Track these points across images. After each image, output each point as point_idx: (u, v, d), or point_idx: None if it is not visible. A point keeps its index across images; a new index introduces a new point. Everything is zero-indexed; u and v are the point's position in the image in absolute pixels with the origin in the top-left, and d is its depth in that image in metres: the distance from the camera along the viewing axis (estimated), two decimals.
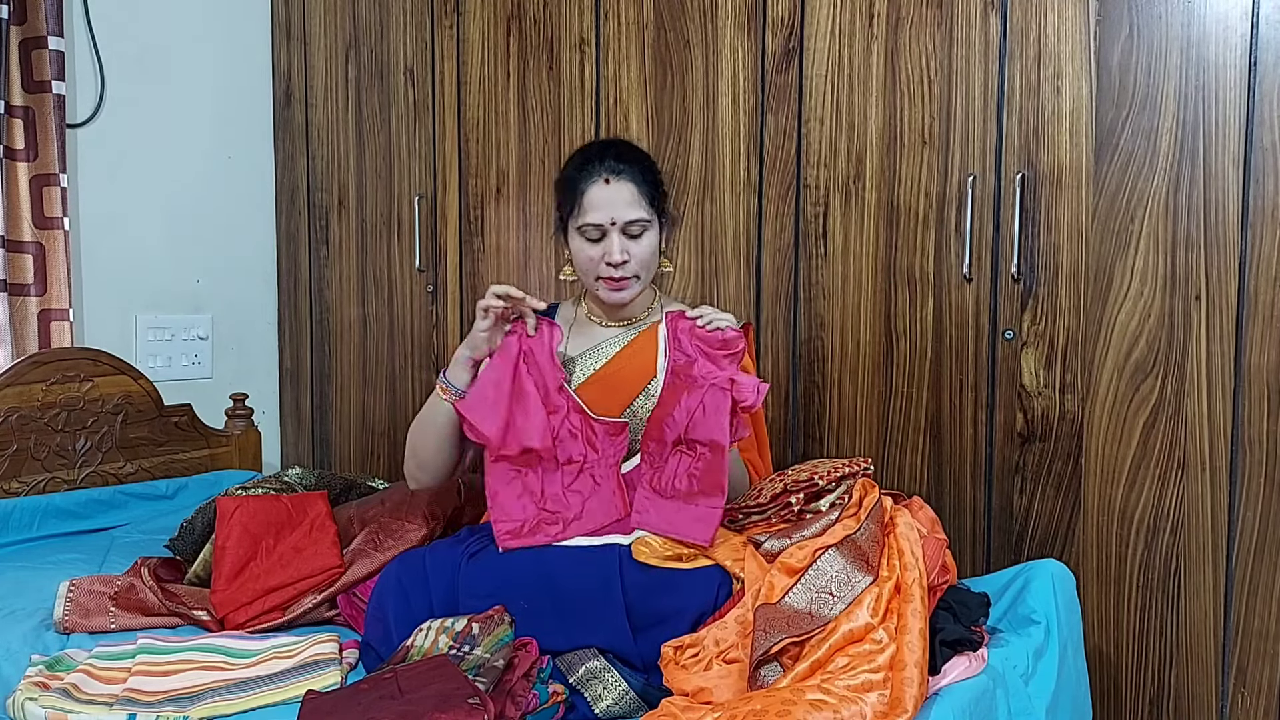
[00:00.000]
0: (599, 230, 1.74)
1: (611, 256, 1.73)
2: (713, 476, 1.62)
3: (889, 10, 2.03)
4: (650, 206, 1.77)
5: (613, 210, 1.73)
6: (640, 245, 1.76)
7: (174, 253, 2.85)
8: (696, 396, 1.64)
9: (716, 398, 1.63)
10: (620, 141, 1.86)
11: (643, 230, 1.75)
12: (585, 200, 1.75)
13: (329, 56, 2.91)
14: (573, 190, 1.77)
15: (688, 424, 1.64)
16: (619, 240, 1.74)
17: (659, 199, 1.80)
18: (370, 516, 1.92)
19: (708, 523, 1.61)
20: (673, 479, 1.66)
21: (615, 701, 1.44)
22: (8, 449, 2.31)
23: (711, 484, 1.62)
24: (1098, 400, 1.88)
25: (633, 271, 1.76)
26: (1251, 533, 1.77)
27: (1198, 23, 1.76)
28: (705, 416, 1.63)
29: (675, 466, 1.67)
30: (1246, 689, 1.79)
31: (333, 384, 2.99)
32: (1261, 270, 1.73)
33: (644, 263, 1.77)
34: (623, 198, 1.74)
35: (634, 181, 1.75)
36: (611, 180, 1.75)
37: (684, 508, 1.63)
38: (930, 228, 2.02)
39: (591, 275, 1.77)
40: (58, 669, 1.55)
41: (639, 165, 1.78)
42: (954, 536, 1.99)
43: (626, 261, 1.74)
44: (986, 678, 1.45)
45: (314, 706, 1.36)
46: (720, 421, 1.62)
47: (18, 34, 2.47)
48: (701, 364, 1.67)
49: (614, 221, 1.74)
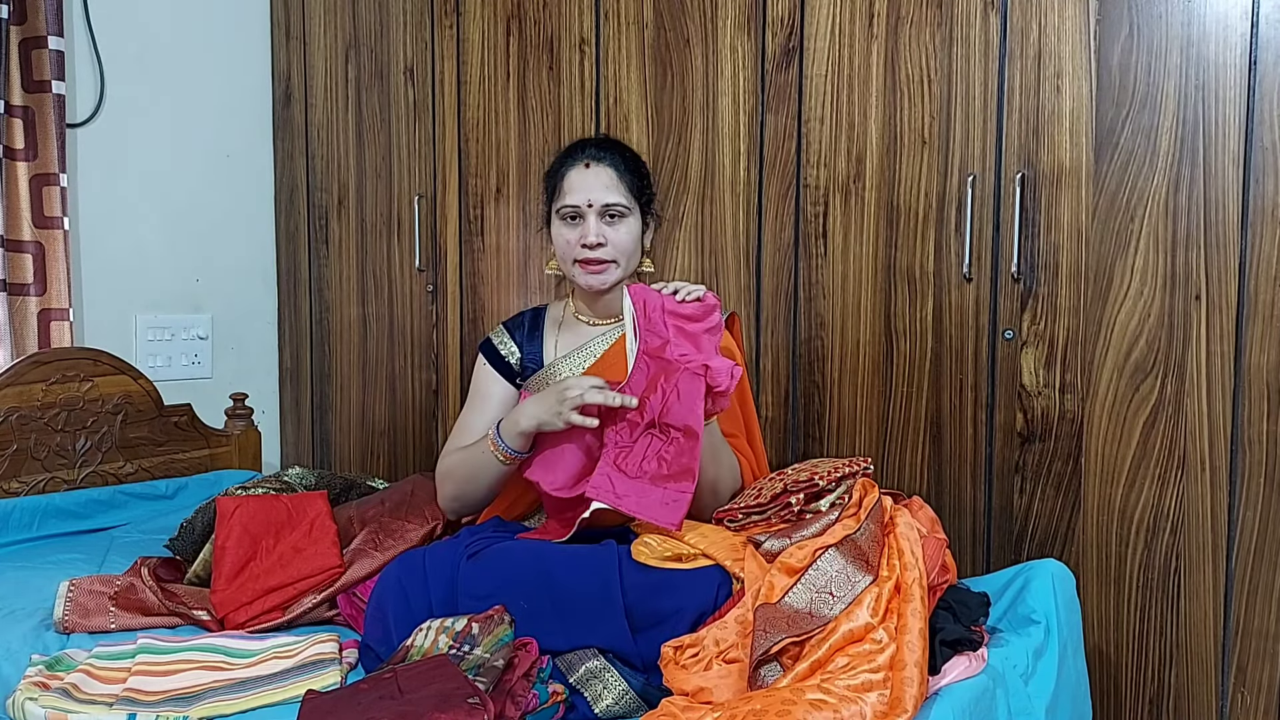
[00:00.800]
0: (576, 211, 1.77)
1: (586, 237, 1.75)
2: (684, 461, 1.59)
3: (889, 10, 2.03)
4: (631, 196, 1.78)
5: (589, 193, 1.76)
6: (618, 232, 1.77)
7: (174, 252, 2.85)
8: (671, 380, 1.61)
9: (691, 383, 1.59)
10: (608, 137, 1.88)
11: (621, 216, 1.77)
12: (565, 183, 1.78)
13: (329, 56, 2.91)
14: (554, 176, 1.81)
15: (662, 408, 1.61)
16: (595, 223, 1.76)
17: (642, 191, 1.82)
18: (370, 516, 1.92)
19: (677, 507, 1.58)
20: (641, 460, 1.62)
21: (615, 701, 1.44)
22: (8, 449, 2.31)
23: (682, 469, 1.59)
24: (1098, 400, 1.88)
25: (610, 256, 1.77)
26: (1251, 533, 1.77)
27: (1198, 22, 1.76)
28: (679, 401, 1.59)
29: (645, 448, 1.62)
30: (1246, 688, 1.79)
31: (332, 384, 2.99)
32: (1261, 270, 1.73)
33: (622, 249, 1.78)
34: (601, 181, 1.77)
35: (614, 168, 1.78)
36: (592, 165, 1.78)
37: (651, 489, 1.60)
38: (930, 227, 2.01)
39: (570, 260, 1.79)
40: (58, 669, 1.54)
41: (621, 154, 1.82)
42: (954, 536, 1.99)
43: (602, 245, 1.75)
44: (986, 677, 1.45)
45: (314, 706, 1.35)
46: (695, 408, 1.58)
47: (17, 34, 2.46)
48: (677, 344, 1.63)
49: (591, 204, 1.76)
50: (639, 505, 1.59)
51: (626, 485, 1.61)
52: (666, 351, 1.63)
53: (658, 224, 1.91)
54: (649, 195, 1.85)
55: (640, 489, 1.60)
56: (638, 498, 1.59)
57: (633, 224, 1.79)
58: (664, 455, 1.61)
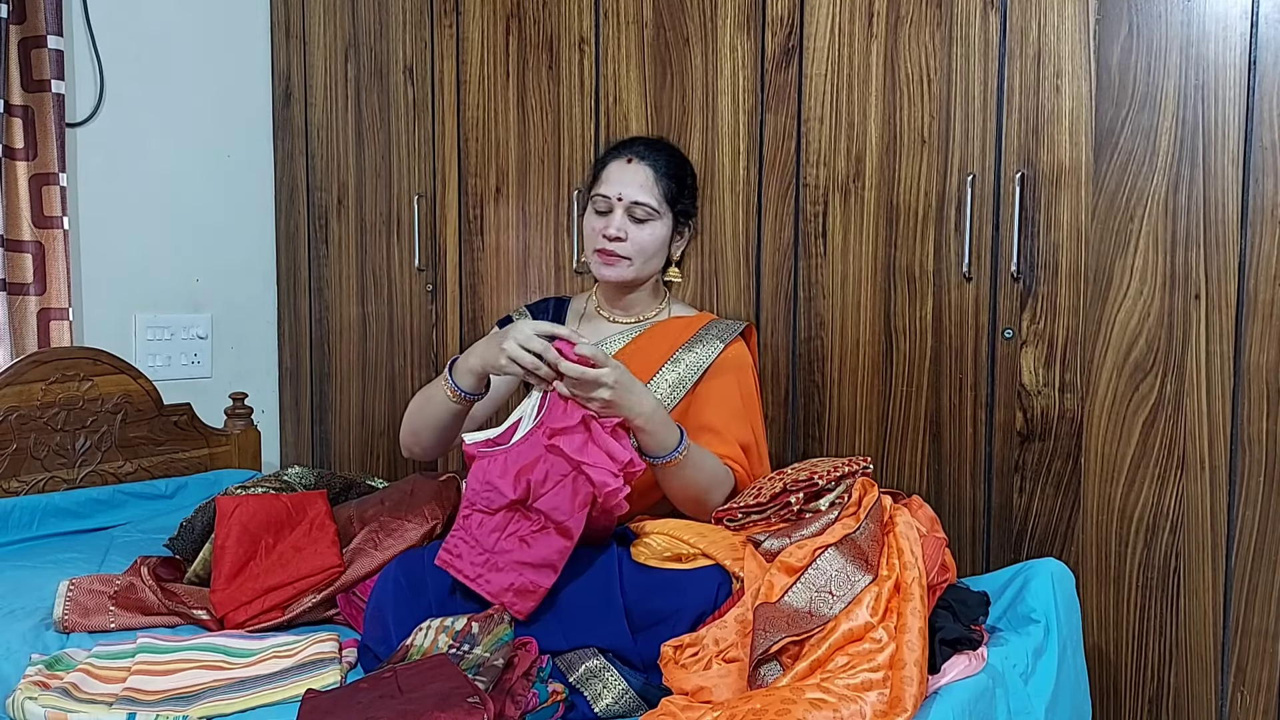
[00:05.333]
0: (606, 203, 1.80)
1: (609, 229, 1.77)
2: (549, 556, 1.49)
3: (889, 9, 2.03)
4: (664, 200, 1.79)
5: (622, 187, 1.79)
6: (641, 232, 1.78)
7: (173, 252, 2.85)
8: (559, 469, 1.50)
9: (582, 486, 1.48)
10: (663, 140, 1.90)
11: (647, 218, 1.79)
12: (604, 173, 1.83)
13: (329, 56, 2.91)
14: (599, 165, 1.86)
15: (542, 494, 1.50)
16: (620, 217, 1.78)
17: (677, 199, 1.83)
18: (370, 516, 1.92)
19: (529, 597, 1.48)
20: (502, 536, 1.52)
21: (615, 700, 1.44)
22: (7, 448, 2.31)
23: (544, 561, 1.49)
24: (1097, 399, 1.88)
25: (627, 253, 1.78)
26: (1251, 532, 1.77)
27: (1197, 22, 1.76)
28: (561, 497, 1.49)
29: (506, 524, 1.52)
30: (1246, 688, 1.79)
31: (332, 383, 2.99)
32: (1261, 269, 1.73)
33: (641, 249, 1.79)
34: (636, 179, 1.79)
35: (653, 169, 1.81)
36: (633, 161, 1.81)
37: (500, 574, 1.50)
38: (930, 227, 2.01)
39: (591, 247, 1.82)
40: (57, 668, 1.54)
41: (665, 157, 1.84)
42: (953, 535, 1.99)
43: (622, 240, 1.76)
44: (986, 677, 1.45)
45: (314, 705, 1.35)
46: (578, 513, 1.48)
47: (17, 33, 2.46)
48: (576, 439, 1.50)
49: (620, 198, 1.78)
50: (487, 587, 1.50)
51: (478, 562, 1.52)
52: (565, 444, 1.50)
53: (692, 235, 1.92)
54: (685, 205, 1.86)
55: (492, 565, 1.51)
56: (487, 576, 1.51)
57: (659, 228, 1.80)
58: (528, 540, 1.51)
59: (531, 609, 1.49)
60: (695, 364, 1.80)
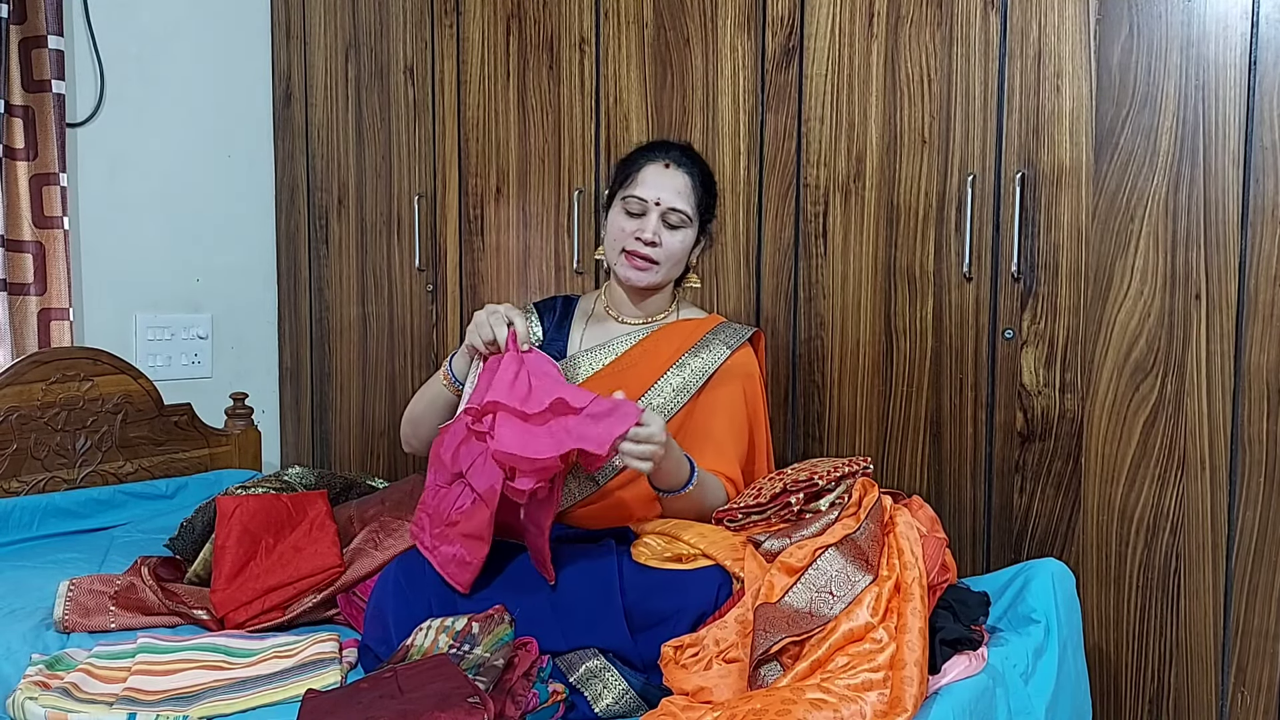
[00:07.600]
0: (642, 205, 1.78)
1: (644, 233, 1.77)
2: (475, 525, 1.54)
3: (889, 9, 2.03)
4: (696, 209, 1.80)
5: (660, 192, 1.78)
6: (673, 238, 1.79)
7: (174, 252, 2.85)
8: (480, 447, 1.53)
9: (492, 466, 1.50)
10: (690, 146, 1.91)
11: (680, 225, 1.79)
12: (640, 175, 1.80)
13: (329, 56, 2.91)
14: (631, 164, 1.83)
15: (469, 466, 1.56)
16: (656, 222, 1.78)
17: (707, 209, 1.84)
18: (370, 516, 1.92)
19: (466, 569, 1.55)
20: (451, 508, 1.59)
21: (615, 700, 1.44)
22: (7, 448, 2.31)
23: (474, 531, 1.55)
24: (1097, 399, 1.88)
25: (658, 258, 1.78)
26: (1251, 532, 1.77)
27: (1197, 22, 1.76)
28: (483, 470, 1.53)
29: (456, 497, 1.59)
30: (1246, 688, 1.79)
31: (332, 383, 2.99)
32: (1261, 269, 1.73)
33: (670, 255, 1.79)
34: (675, 185, 1.79)
35: (690, 177, 1.81)
36: (672, 166, 1.80)
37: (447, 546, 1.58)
38: (930, 227, 2.01)
39: (618, 247, 1.80)
40: (58, 668, 1.55)
41: (701, 169, 1.85)
42: (954, 535, 1.99)
43: (656, 245, 1.76)
44: (986, 677, 1.45)
45: (314, 705, 1.35)
46: (494, 482, 1.50)
47: (17, 33, 2.47)
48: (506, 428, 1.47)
49: (659, 202, 1.78)
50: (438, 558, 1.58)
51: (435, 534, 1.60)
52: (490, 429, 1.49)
53: (710, 243, 1.93)
54: (710, 215, 1.87)
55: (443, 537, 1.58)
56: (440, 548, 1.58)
57: (687, 235, 1.81)
58: (469, 513, 1.56)
59: (469, 580, 1.55)
60: (700, 369, 1.79)
